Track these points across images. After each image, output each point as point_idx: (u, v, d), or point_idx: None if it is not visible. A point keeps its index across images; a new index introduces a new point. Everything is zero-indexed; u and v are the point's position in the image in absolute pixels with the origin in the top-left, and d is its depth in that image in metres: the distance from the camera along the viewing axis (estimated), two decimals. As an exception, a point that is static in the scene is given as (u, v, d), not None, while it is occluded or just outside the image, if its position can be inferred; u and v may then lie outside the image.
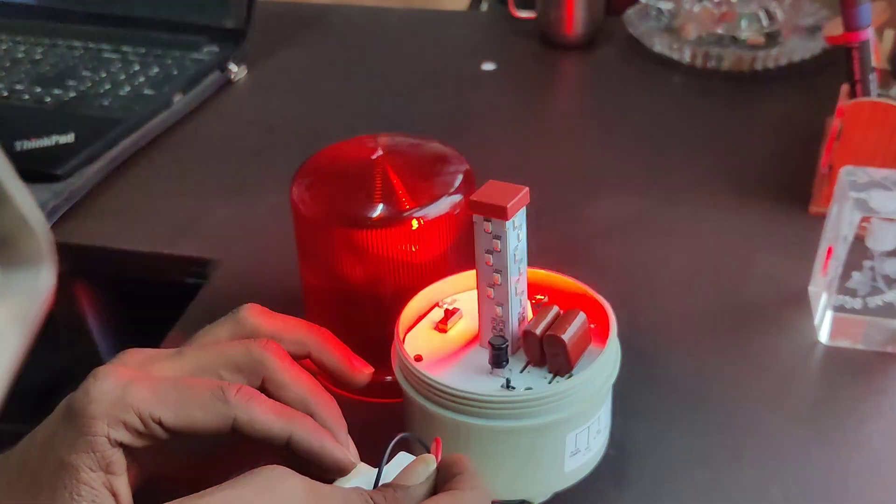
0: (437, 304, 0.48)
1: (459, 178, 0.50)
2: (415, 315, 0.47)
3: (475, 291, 0.45)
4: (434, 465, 0.37)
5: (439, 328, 0.46)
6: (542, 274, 0.48)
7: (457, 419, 0.41)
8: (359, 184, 0.49)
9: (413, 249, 0.48)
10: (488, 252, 0.42)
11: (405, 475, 0.37)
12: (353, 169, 0.51)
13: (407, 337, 0.45)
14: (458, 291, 0.48)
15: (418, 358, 0.44)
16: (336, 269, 0.50)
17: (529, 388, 0.42)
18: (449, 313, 0.46)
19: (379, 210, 0.48)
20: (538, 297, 0.47)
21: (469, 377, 0.43)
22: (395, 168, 0.50)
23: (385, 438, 0.37)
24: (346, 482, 0.38)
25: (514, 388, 0.42)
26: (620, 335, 0.44)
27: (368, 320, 0.50)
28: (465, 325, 0.46)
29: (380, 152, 0.51)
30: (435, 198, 0.48)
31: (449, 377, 0.42)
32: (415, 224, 0.47)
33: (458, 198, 0.49)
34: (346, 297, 0.50)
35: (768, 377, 0.53)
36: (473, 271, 0.45)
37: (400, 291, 0.48)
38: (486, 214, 0.41)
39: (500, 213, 0.41)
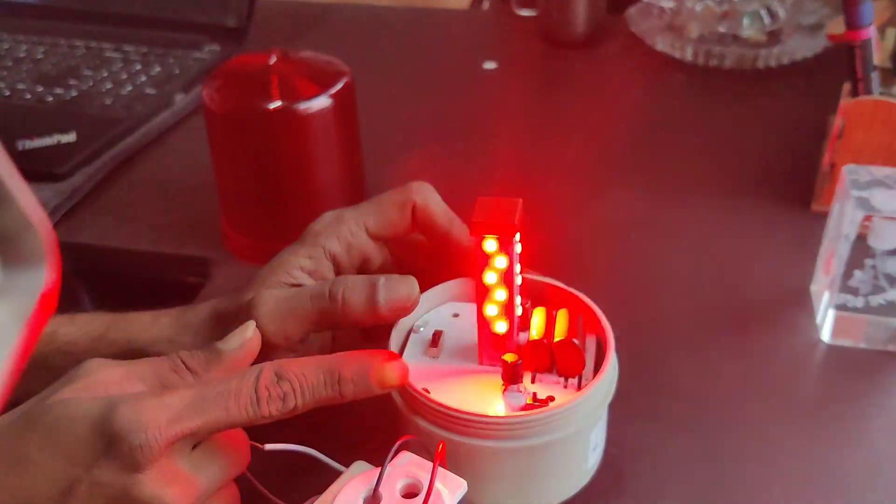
0: (411, 331, 0.47)
1: (343, 80, 0.61)
2: (396, 348, 0.45)
3: (442, 308, 0.46)
4: (250, 332, 0.41)
5: (431, 354, 0.45)
6: (536, 281, 0.47)
7: (498, 446, 0.41)
8: (257, 83, 0.59)
9: (302, 137, 0.59)
10: (491, 270, 0.42)
11: (224, 340, 0.40)
12: (253, 72, 0.60)
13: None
14: (426, 311, 0.48)
15: (426, 391, 0.42)
16: (243, 158, 0.61)
17: (551, 398, 0.42)
18: (436, 336, 0.46)
19: (273, 103, 0.58)
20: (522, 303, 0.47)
21: (488, 400, 0.42)
22: (286, 71, 0.60)
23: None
24: (348, 481, 0.38)
25: (542, 401, 0.42)
26: (621, 335, 0.44)
27: (274, 201, 0.62)
28: (450, 345, 0.46)
29: (274, 59, 0.60)
30: (318, 94, 0.59)
31: (475, 405, 0.41)
32: (302, 113, 0.58)
33: (335, 97, 0.59)
34: (256, 182, 0.62)
35: (770, 376, 0.53)
36: (433, 290, 0.46)
37: (298, 172, 0.61)
38: (492, 233, 0.41)
39: (508, 231, 0.40)
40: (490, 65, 0.95)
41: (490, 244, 0.41)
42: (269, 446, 0.39)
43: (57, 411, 0.36)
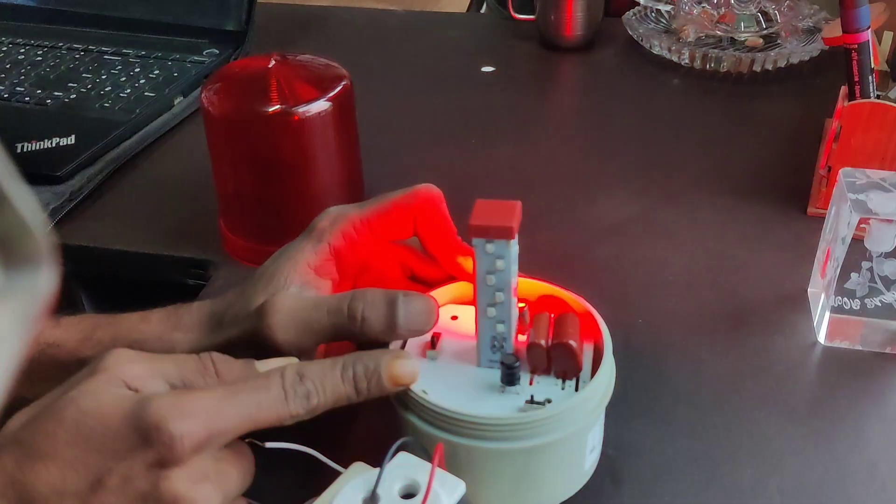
0: None
1: (342, 83, 0.61)
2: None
3: (441, 310, 0.45)
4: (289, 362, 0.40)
5: (429, 355, 0.45)
6: (534, 284, 0.48)
7: (496, 447, 0.41)
8: (256, 87, 0.59)
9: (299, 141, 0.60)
10: (490, 272, 0.42)
11: (262, 363, 0.40)
12: (252, 76, 0.61)
13: None
14: None
15: (424, 393, 0.42)
16: (242, 161, 0.61)
17: (549, 399, 0.42)
18: (435, 338, 0.46)
19: (272, 107, 0.58)
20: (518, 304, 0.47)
21: (486, 401, 0.42)
22: (285, 75, 0.60)
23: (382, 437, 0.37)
24: (347, 482, 0.38)
25: (540, 402, 0.42)
26: (619, 337, 0.44)
27: (273, 204, 0.62)
28: (448, 346, 0.46)
29: (273, 62, 0.61)
30: (317, 97, 0.59)
31: (473, 407, 0.41)
32: (301, 117, 0.58)
33: (334, 100, 0.60)
34: (255, 185, 0.62)
35: (766, 378, 0.53)
36: (432, 292, 0.46)
37: (297, 175, 0.61)
38: (490, 236, 0.41)
39: (506, 233, 0.41)
40: (488, 68, 0.95)
41: (488, 246, 0.41)
42: (269, 444, 0.39)
43: (84, 405, 0.35)
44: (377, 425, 0.46)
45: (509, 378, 0.43)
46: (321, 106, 0.59)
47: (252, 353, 0.42)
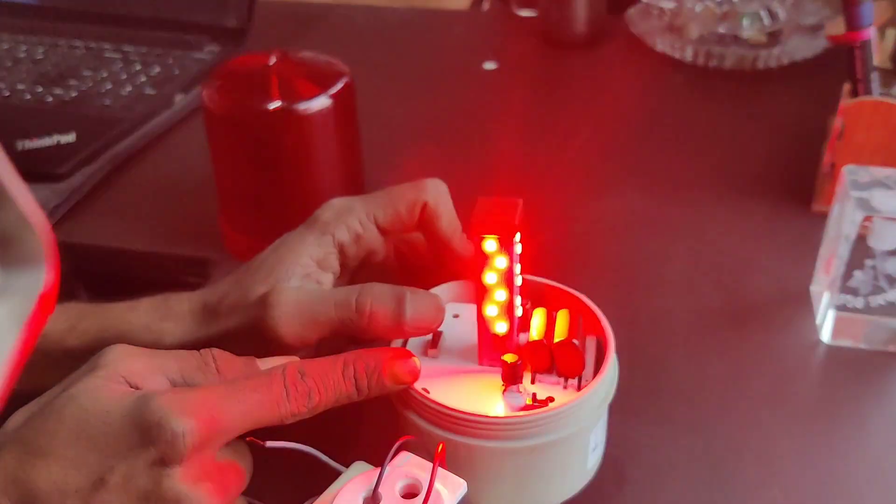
0: None
1: (343, 80, 0.61)
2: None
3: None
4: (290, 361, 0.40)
5: (430, 354, 0.45)
6: (536, 282, 0.47)
7: (497, 446, 0.40)
8: (257, 84, 0.59)
9: (301, 137, 0.60)
10: (492, 270, 0.42)
11: (264, 361, 0.40)
12: (253, 73, 0.61)
13: None
14: None
15: (426, 391, 0.42)
16: (242, 158, 0.61)
17: (551, 398, 0.42)
18: (436, 337, 0.46)
19: (272, 104, 0.58)
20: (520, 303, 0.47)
21: (488, 400, 0.42)
22: (286, 72, 0.60)
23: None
24: (348, 481, 0.38)
25: (542, 401, 0.42)
26: (621, 335, 0.44)
27: (273, 201, 0.61)
28: (450, 346, 0.46)
29: (274, 59, 0.60)
30: (318, 94, 0.59)
31: (475, 406, 0.41)
32: (302, 113, 0.58)
33: (335, 97, 0.60)
34: (255, 182, 0.62)
35: (769, 376, 0.53)
36: (433, 290, 0.45)
37: (297, 172, 0.60)
38: (492, 234, 0.41)
39: (509, 231, 0.40)
40: (490, 65, 0.95)
41: (490, 244, 0.41)
42: (270, 443, 0.39)
43: (85, 402, 0.35)
44: (378, 424, 0.46)
45: (511, 377, 0.42)
46: (322, 103, 0.59)
47: (249, 344, 0.42)
